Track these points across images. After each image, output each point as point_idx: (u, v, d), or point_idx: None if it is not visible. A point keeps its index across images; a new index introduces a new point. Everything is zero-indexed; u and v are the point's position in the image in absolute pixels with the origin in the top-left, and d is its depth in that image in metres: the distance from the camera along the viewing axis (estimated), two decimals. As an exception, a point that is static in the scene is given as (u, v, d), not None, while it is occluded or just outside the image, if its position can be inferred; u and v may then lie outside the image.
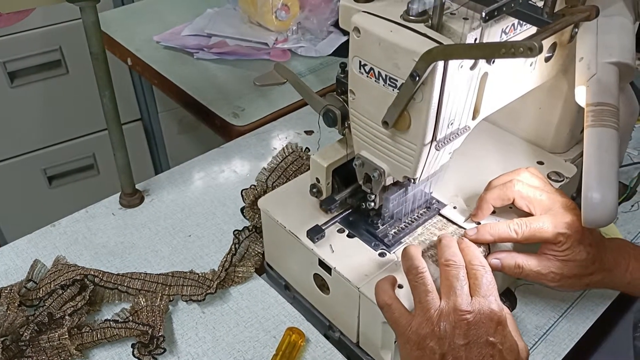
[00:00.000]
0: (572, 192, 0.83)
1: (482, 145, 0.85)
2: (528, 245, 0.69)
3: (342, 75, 0.67)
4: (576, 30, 0.71)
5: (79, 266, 0.80)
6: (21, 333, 0.70)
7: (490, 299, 0.59)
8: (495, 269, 0.68)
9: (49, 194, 1.83)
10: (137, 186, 0.94)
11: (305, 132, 1.08)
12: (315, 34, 1.39)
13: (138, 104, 1.81)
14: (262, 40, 1.35)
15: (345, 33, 1.39)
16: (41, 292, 0.76)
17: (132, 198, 0.93)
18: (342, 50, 1.35)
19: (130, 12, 1.54)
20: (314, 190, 0.73)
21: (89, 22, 0.78)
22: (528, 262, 0.68)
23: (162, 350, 0.72)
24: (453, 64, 0.55)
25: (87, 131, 1.78)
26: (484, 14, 0.51)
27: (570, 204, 0.68)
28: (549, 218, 0.67)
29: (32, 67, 1.62)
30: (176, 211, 0.92)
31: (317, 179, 0.71)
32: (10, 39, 1.56)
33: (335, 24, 1.40)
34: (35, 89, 1.65)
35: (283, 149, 0.94)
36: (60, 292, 0.75)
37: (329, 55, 1.35)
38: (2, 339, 0.70)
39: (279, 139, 1.07)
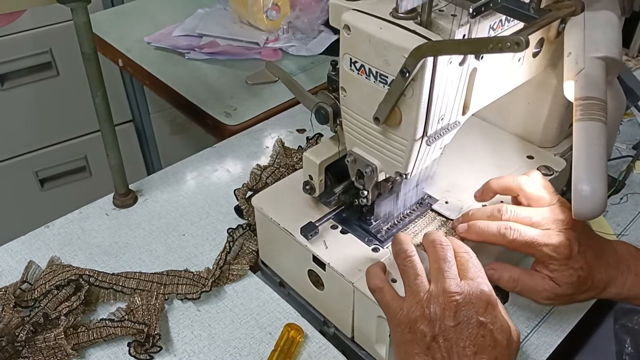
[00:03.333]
0: (562, 186, 0.84)
1: (473, 141, 0.86)
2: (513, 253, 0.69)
3: (334, 73, 0.67)
4: (563, 25, 0.72)
5: (73, 266, 0.80)
6: (17, 334, 0.71)
7: (479, 281, 0.59)
8: (491, 281, 0.68)
9: (41, 197, 1.82)
10: (130, 186, 0.94)
11: (297, 130, 1.09)
12: (306, 33, 1.39)
13: (129, 105, 1.80)
14: (253, 40, 1.36)
15: (336, 32, 1.39)
16: (36, 292, 0.76)
17: (126, 198, 0.93)
18: (333, 49, 1.36)
19: (120, 13, 1.54)
20: (307, 187, 0.73)
21: (80, 23, 0.78)
22: (523, 276, 0.68)
23: (158, 349, 0.72)
24: (442, 59, 0.56)
25: (78, 133, 1.78)
26: (471, 9, 0.52)
27: (566, 223, 0.66)
28: (542, 234, 0.66)
29: (22, 70, 1.62)
30: (170, 211, 0.92)
31: (310, 176, 0.72)
32: (0, 42, 1.55)
33: (326, 23, 1.41)
34: (26, 92, 1.65)
35: (274, 146, 0.95)
36: (56, 292, 0.75)
37: (320, 54, 1.35)
38: (-2, 340, 0.70)
39: (271, 138, 1.07)
